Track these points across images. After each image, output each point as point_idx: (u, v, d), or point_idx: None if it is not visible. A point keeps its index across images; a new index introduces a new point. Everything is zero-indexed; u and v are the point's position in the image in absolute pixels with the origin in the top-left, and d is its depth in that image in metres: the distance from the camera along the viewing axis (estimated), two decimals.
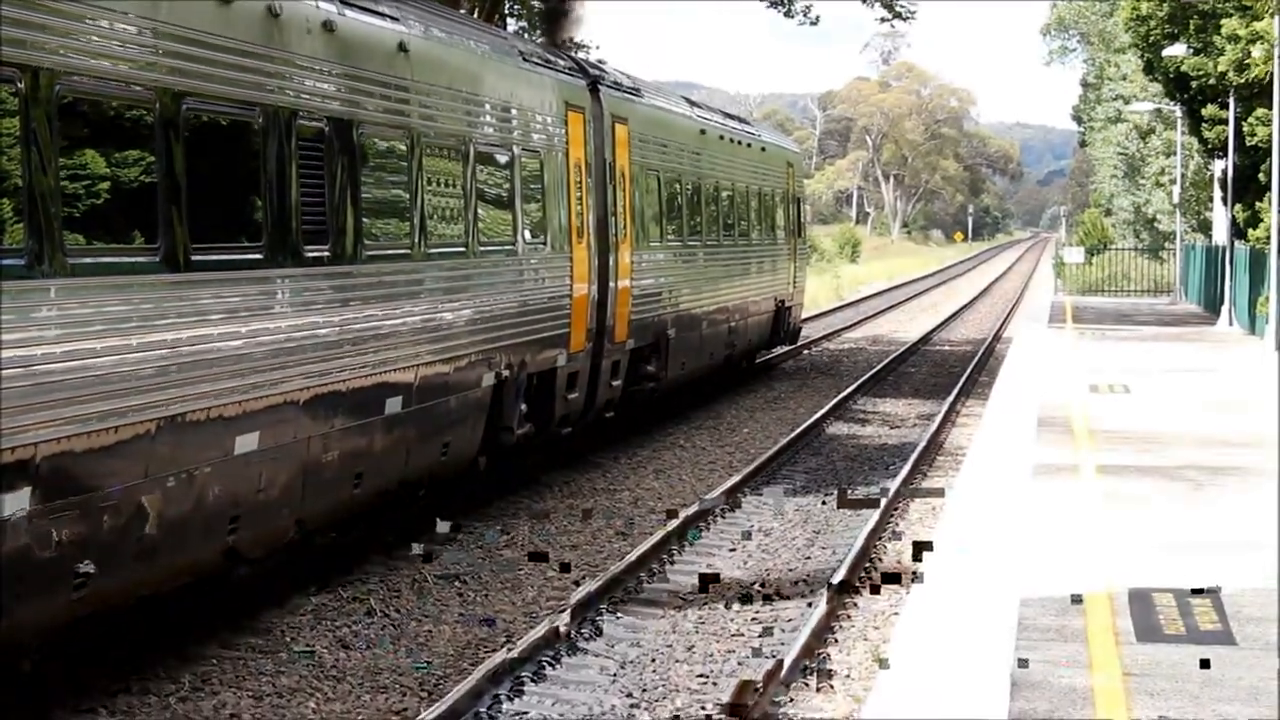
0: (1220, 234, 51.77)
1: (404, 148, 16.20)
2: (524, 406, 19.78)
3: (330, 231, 14.33)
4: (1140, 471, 17.32)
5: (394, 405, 15.62)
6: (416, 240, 16.35)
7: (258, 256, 13.07)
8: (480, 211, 18.17)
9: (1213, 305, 46.58)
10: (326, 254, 14.24)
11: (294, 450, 13.63)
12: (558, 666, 13.02)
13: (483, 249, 18.23)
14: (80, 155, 10.75)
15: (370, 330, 15.05)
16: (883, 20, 43.03)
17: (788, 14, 41.57)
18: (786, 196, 38.35)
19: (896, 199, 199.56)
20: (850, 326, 54.69)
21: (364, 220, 15.04)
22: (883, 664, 10.71)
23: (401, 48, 16.22)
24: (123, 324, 11.06)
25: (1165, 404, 24.12)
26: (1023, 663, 9.77)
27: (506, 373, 18.79)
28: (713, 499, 19.23)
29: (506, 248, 19.16)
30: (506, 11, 39.80)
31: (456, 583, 15.99)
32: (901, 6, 41.69)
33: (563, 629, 13.68)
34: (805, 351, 44.00)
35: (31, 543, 10.10)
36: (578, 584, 15.71)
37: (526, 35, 39.32)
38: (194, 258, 11.97)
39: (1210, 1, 34.51)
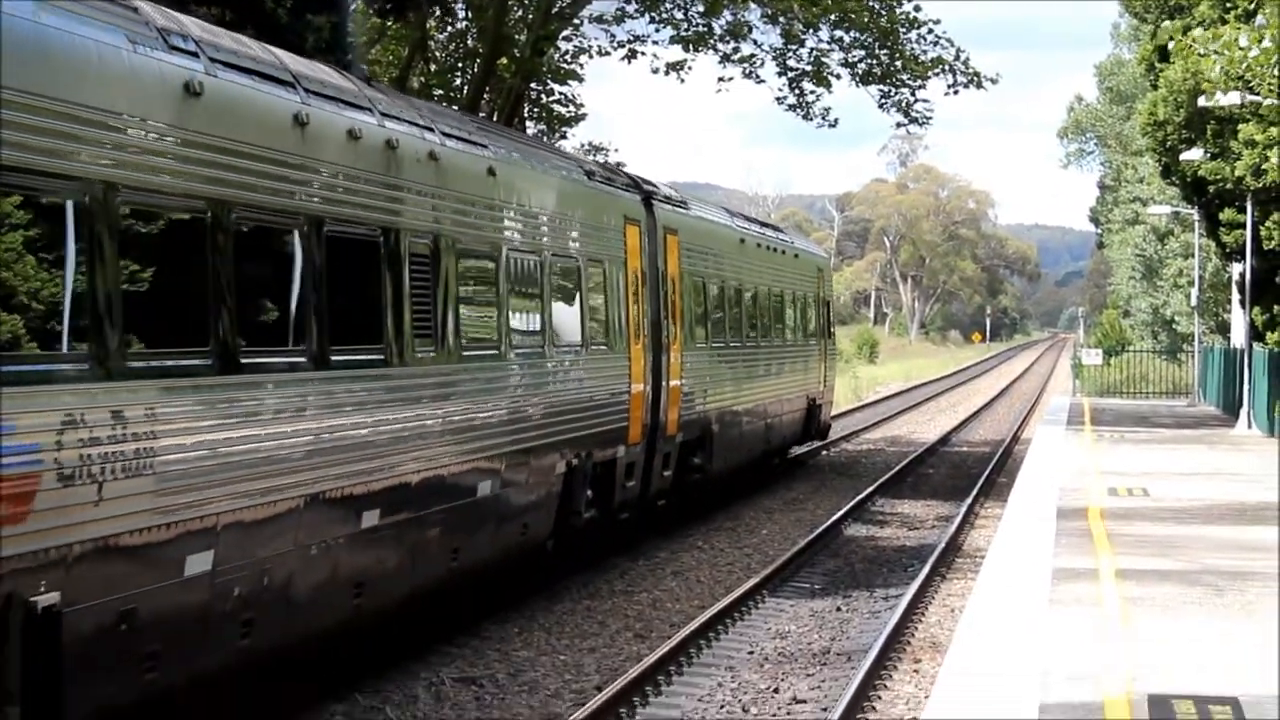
0: (1239, 336, 51.73)
1: (493, 259, 18.16)
2: (590, 493, 21.65)
3: (435, 334, 16.26)
4: (1160, 576, 17.09)
5: (484, 489, 17.50)
6: (502, 341, 18.27)
7: (380, 357, 15.00)
8: (554, 315, 20.11)
9: (1231, 408, 46.33)
10: (432, 354, 16.17)
11: (406, 527, 15.51)
12: None
13: (556, 349, 20.17)
14: (250, 274, 12.68)
15: (466, 421, 16.96)
16: (899, 125, 43.51)
17: (806, 117, 42.32)
18: (817, 300, 40.31)
19: (914, 300, 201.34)
20: (868, 427, 54.62)
21: (462, 324, 16.97)
22: None
23: (490, 172, 18.22)
24: (280, 413, 12.98)
25: (1184, 507, 23.82)
26: None
27: (576, 461, 20.67)
28: None
29: (576, 348, 21.09)
30: (525, 115, 40.62)
31: (473, 686, 16.24)
32: (917, 112, 41.88)
33: None
34: (824, 452, 44.38)
35: (212, 597, 11.98)
36: (599, 689, 15.94)
37: (545, 138, 39.97)
38: (332, 358, 13.90)
39: (1227, 107, 35.19)
